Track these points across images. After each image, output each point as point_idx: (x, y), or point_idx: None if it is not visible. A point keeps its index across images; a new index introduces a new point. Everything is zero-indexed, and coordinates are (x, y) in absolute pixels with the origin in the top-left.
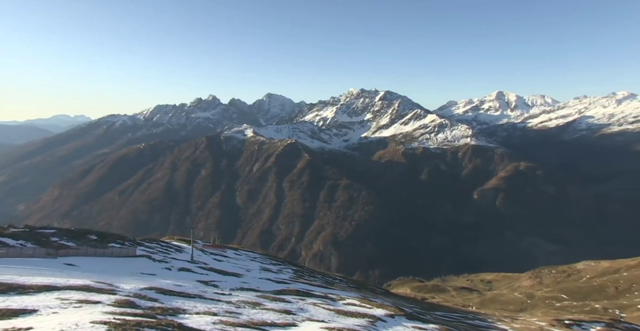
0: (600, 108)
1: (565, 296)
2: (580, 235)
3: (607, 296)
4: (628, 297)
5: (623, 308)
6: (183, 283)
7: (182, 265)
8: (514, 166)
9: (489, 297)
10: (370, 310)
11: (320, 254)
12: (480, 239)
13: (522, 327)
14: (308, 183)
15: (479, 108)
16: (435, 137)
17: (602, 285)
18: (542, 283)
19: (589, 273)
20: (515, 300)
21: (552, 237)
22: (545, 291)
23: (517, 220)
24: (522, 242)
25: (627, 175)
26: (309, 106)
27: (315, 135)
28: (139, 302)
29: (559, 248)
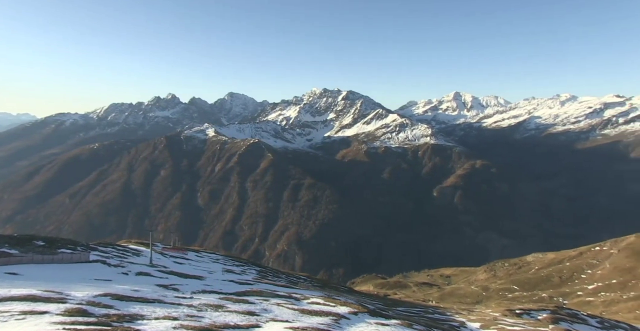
0: (546, 109)
1: (516, 288)
2: (529, 229)
3: (553, 285)
4: (570, 285)
5: (565, 295)
6: (141, 288)
7: (140, 269)
8: (471, 164)
9: (448, 291)
10: (334, 308)
11: (285, 254)
12: (439, 235)
13: (478, 318)
14: (271, 183)
15: (438, 108)
16: (397, 137)
17: (548, 275)
18: (496, 276)
19: (537, 264)
20: (472, 293)
21: (505, 232)
22: (498, 283)
23: (474, 216)
24: (478, 237)
25: (570, 172)
26: (272, 105)
27: (279, 134)
28: (93, 310)
29: (511, 242)
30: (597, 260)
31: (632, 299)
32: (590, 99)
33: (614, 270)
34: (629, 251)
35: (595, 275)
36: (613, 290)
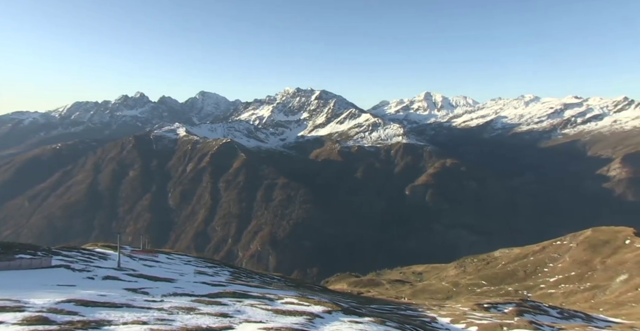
0: (512, 110)
1: (484, 282)
2: (497, 225)
3: (518, 279)
4: (533, 279)
5: (530, 288)
6: (108, 293)
7: (107, 273)
8: (441, 163)
9: (420, 288)
10: (308, 308)
11: (258, 254)
12: (412, 233)
13: (449, 313)
14: (244, 183)
15: (409, 108)
16: (370, 136)
17: (514, 269)
18: (465, 271)
19: (504, 259)
20: (443, 288)
21: (473, 228)
22: (468, 279)
23: (444, 213)
24: (449, 234)
25: (534, 170)
26: (244, 105)
27: (252, 134)
28: (54, 317)
29: (480, 238)
30: (558, 254)
31: (588, 289)
32: (552, 100)
33: (572, 262)
34: (586, 245)
35: (556, 268)
36: (572, 282)
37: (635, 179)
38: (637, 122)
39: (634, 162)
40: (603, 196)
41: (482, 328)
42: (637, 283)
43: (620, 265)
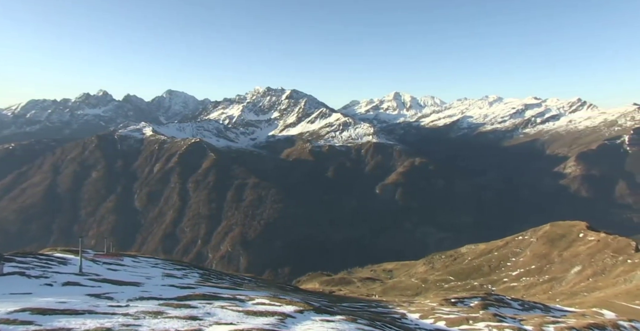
0: (477, 110)
1: (452, 278)
2: (464, 222)
3: (483, 274)
4: (497, 273)
5: (494, 282)
6: (69, 299)
7: (67, 279)
8: (410, 162)
9: (390, 285)
10: (279, 308)
11: (229, 255)
12: (382, 231)
13: (418, 309)
14: (214, 183)
15: (379, 108)
16: (340, 135)
17: (480, 264)
18: (434, 268)
19: (470, 255)
20: (412, 285)
21: (442, 225)
22: (436, 275)
23: (413, 211)
24: (418, 231)
25: (498, 168)
26: (213, 104)
27: (221, 133)
28: (6, 329)
29: (448, 235)
30: (519, 249)
31: (547, 281)
32: (514, 101)
33: (533, 256)
34: (545, 239)
35: (518, 262)
36: (532, 275)
37: (587, 176)
38: (589, 122)
39: (586, 160)
40: (560, 192)
41: (450, 323)
42: (589, 273)
43: (574, 257)
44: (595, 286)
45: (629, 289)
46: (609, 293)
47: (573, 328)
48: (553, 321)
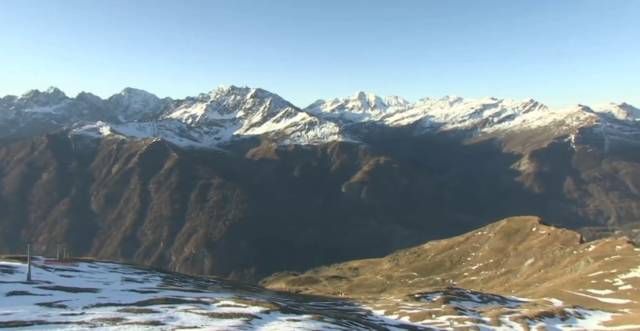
0: (439, 109)
1: (415, 274)
2: (427, 219)
3: (445, 269)
4: (458, 268)
5: (455, 277)
6: (15, 310)
7: (13, 289)
8: (375, 160)
9: (356, 283)
10: (245, 309)
11: (193, 257)
12: (348, 229)
13: (383, 305)
14: (177, 183)
15: (345, 107)
16: (306, 135)
17: (442, 260)
18: (398, 264)
19: (433, 251)
20: (378, 282)
21: (406, 223)
22: (401, 271)
23: (378, 209)
24: (383, 229)
25: (459, 166)
26: (176, 102)
27: (184, 133)
28: None
29: (412, 232)
30: (479, 244)
31: (503, 274)
32: (472, 101)
33: (491, 251)
34: (502, 234)
35: (478, 257)
36: (490, 269)
37: (539, 173)
38: (540, 122)
39: (538, 158)
40: (516, 188)
41: (413, 317)
42: (540, 265)
43: (528, 250)
44: (546, 277)
45: (574, 278)
46: (558, 283)
47: (526, 317)
48: (508, 311)
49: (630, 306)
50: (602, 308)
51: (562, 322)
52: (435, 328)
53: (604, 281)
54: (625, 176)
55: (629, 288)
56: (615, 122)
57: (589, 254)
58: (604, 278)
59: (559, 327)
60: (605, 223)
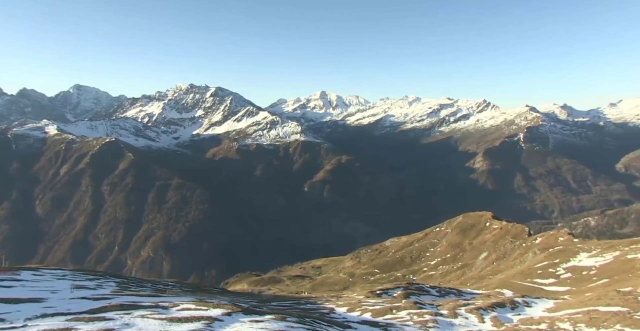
0: (398, 109)
1: (377, 271)
2: (388, 216)
3: (405, 265)
4: (418, 263)
5: (415, 272)
6: None
7: None
8: (337, 159)
9: (319, 281)
10: (206, 312)
11: (151, 261)
12: (311, 228)
13: (345, 303)
14: (133, 185)
15: (306, 107)
16: (268, 134)
17: (402, 256)
18: (360, 262)
19: (394, 248)
20: (340, 280)
21: (368, 220)
22: (363, 268)
23: (341, 208)
24: (345, 227)
25: (418, 164)
26: (131, 101)
27: (140, 132)
28: None
29: (374, 230)
30: (437, 239)
31: (460, 268)
32: (430, 101)
33: (448, 246)
34: (458, 229)
35: (436, 252)
36: (447, 263)
37: (492, 170)
38: (492, 121)
39: (491, 156)
40: (471, 185)
41: (375, 313)
42: (493, 258)
43: (482, 245)
44: (498, 269)
45: (523, 269)
46: (509, 275)
47: (480, 308)
48: (464, 303)
49: (570, 293)
50: (547, 296)
51: (512, 311)
52: (396, 322)
53: (548, 271)
54: (567, 172)
55: (569, 276)
56: (558, 122)
57: (535, 246)
58: (548, 268)
59: (509, 316)
60: (550, 216)
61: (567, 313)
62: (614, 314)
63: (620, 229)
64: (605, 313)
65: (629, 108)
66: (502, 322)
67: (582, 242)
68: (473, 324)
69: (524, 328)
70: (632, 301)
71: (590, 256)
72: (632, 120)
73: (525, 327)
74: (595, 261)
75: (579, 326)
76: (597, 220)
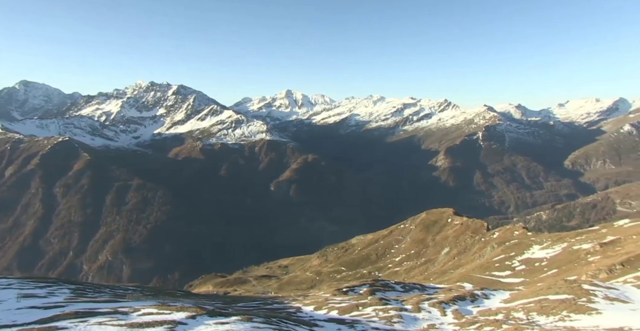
0: (363, 108)
1: (344, 268)
2: (354, 214)
3: (371, 262)
4: (383, 260)
5: (380, 269)
6: None
7: None
8: (304, 158)
9: (286, 280)
10: (169, 316)
11: (109, 265)
12: (278, 228)
13: (312, 301)
14: (89, 186)
15: (272, 105)
16: (233, 133)
17: (368, 254)
18: (327, 260)
19: (360, 245)
20: (307, 279)
21: (334, 219)
22: (329, 267)
23: (307, 207)
24: (312, 226)
25: (383, 162)
26: (86, 98)
27: (97, 131)
28: None
29: (340, 228)
30: (401, 236)
31: (423, 264)
32: (394, 100)
33: (412, 242)
34: (422, 226)
35: (401, 249)
36: (411, 259)
37: (453, 168)
38: (453, 120)
39: (452, 154)
40: (434, 183)
41: (342, 311)
42: (455, 253)
43: (444, 240)
44: (459, 264)
45: (482, 263)
46: (469, 268)
47: (442, 301)
48: (427, 298)
49: (524, 284)
50: (503, 287)
51: (472, 304)
52: (362, 319)
53: (505, 263)
54: (521, 169)
55: (523, 268)
56: (513, 121)
57: (493, 240)
58: (505, 261)
59: (469, 308)
60: (507, 211)
61: (521, 303)
62: (561, 301)
63: (567, 222)
64: (554, 301)
65: (575, 108)
66: (462, 314)
67: (534, 235)
68: (436, 317)
69: (482, 319)
70: (577, 289)
71: (541, 248)
72: (578, 120)
73: (483, 318)
74: (546, 253)
75: (531, 315)
76: (548, 214)
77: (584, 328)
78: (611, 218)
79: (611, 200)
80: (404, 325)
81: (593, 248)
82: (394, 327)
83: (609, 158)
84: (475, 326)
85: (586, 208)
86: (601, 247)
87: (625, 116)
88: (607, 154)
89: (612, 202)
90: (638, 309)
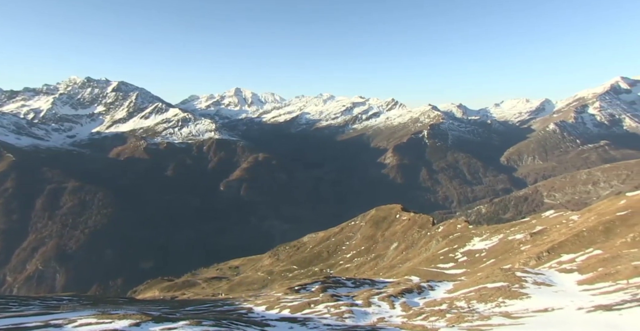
0: (314, 107)
1: (295, 267)
2: (306, 212)
3: (323, 259)
4: (334, 257)
5: (332, 266)
6: None
7: None
8: (254, 157)
9: (237, 281)
10: (110, 325)
11: (39, 275)
12: (228, 228)
13: (264, 301)
14: (15, 189)
15: (220, 104)
16: (180, 132)
17: (320, 251)
18: (279, 259)
19: (312, 243)
20: (259, 279)
21: (286, 217)
22: (281, 266)
23: (258, 206)
24: (263, 225)
25: (333, 160)
26: (9, 94)
27: (24, 130)
28: None
29: (292, 226)
30: (352, 233)
31: (373, 259)
32: (344, 99)
33: (362, 239)
34: (371, 222)
35: (351, 245)
36: (362, 255)
37: (401, 165)
38: (400, 119)
39: (400, 152)
40: (382, 180)
41: (294, 309)
42: (403, 248)
43: (393, 236)
44: (407, 258)
45: (428, 256)
46: (416, 262)
47: (391, 295)
48: (377, 292)
49: (466, 275)
50: (447, 279)
51: (419, 296)
52: (314, 316)
53: (449, 256)
54: (463, 166)
55: (465, 259)
56: (455, 120)
57: (438, 234)
58: (449, 253)
59: (416, 300)
60: (450, 206)
61: (463, 292)
62: (497, 289)
63: (503, 214)
64: (491, 289)
65: (509, 108)
66: (410, 307)
67: (475, 228)
68: (385, 311)
69: (428, 309)
70: (511, 276)
71: (481, 240)
72: (511, 119)
73: (429, 309)
74: (485, 244)
75: (472, 303)
76: (486, 207)
77: (516, 312)
78: (540, 209)
79: (539, 193)
80: (354, 319)
81: (524, 238)
82: (345, 322)
83: (537, 154)
84: (421, 317)
85: (519, 201)
86: (531, 237)
87: (550, 116)
88: (536, 151)
89: (540, 195)
90: (560, 291)
